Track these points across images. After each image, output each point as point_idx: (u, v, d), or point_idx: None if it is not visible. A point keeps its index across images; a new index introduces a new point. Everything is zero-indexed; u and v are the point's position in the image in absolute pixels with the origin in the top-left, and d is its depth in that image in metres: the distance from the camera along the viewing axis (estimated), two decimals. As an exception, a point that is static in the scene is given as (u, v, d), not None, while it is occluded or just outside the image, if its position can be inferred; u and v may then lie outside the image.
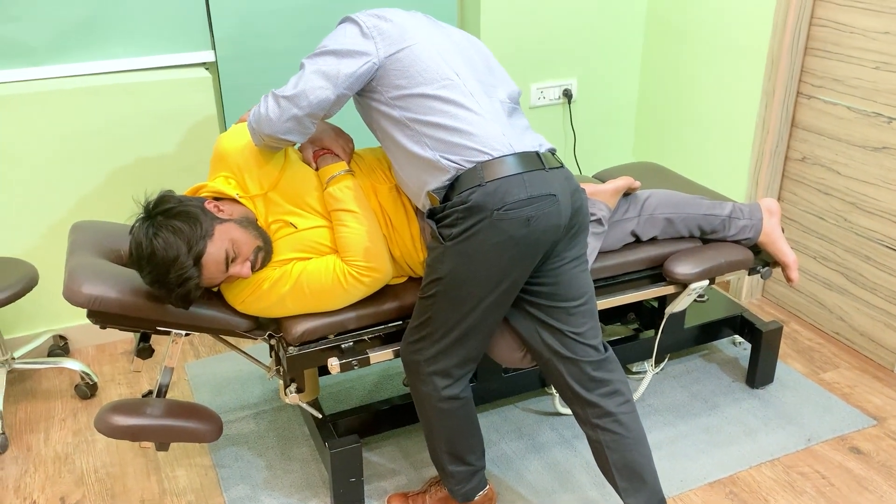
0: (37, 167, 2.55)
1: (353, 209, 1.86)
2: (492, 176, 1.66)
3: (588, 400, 1.83)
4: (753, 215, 2.27)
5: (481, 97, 1.75)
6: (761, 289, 3.08)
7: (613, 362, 1.86)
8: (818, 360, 2.70)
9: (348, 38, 1.75)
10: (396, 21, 1.79)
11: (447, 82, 1.73)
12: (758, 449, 2.28)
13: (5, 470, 2.24)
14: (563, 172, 1.75)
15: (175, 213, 1.75)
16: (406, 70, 1.74)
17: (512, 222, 1.65)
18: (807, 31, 2.66)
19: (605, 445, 1.83)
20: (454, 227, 1.68)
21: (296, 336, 1.88)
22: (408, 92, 1.74)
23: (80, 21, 2.50)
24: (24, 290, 2.31)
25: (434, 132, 1.71)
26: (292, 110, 1.75)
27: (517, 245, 1.67)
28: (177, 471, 2.24)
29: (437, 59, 1.75)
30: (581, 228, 1.79)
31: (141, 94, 2.58)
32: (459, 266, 1.70)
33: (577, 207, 1.76)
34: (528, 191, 1.66)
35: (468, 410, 1.90)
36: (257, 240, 1.82)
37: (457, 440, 1.90)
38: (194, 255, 1.72)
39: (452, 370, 1.83)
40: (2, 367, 2.46)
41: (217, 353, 2.79)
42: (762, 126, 2.81)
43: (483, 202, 1.65)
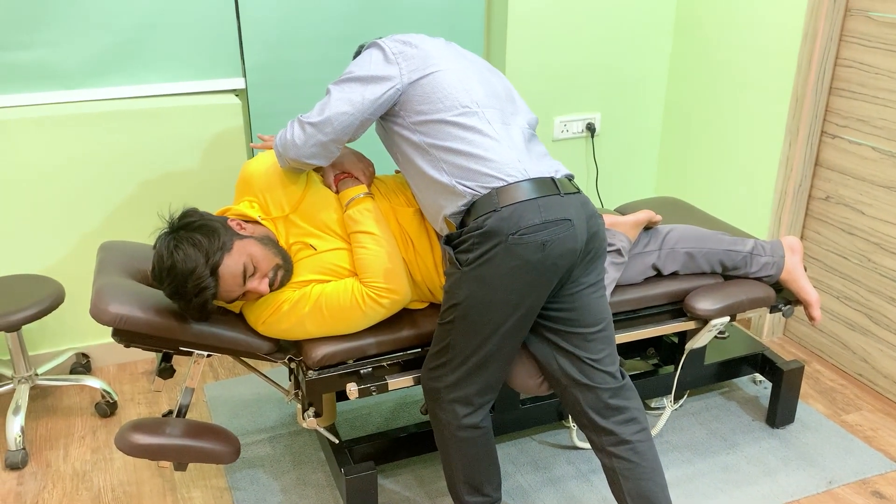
0: (67, 187, 2.61)
1: (371, 231, 1.89)
2: (507, 201, 1.68)
3: (604, 427, 1.83)
4: (775, 252, 2.27)
5: (499, 125, 1.79)
6: (783, 327, 3.06)
7: (630, 390, 1.86)
8: (840, 402, 2.67)
9: (373, 65, 1.80)
10: (421, 47, 1.83)
11: (466, 109, 1.77)
12: (777, 490, 2.25)
13: (24, 485, 2.26)
14: (580, 198, 1.76)
15: (196, 227, 1.80)
16: (428, 96, 1.78)
17: (527, 247, 1.66)
18: (832, 71, 2.67)
19: (619, 473, 1.83)
20: (470, 253, 1.70)
21: (315, 360, 1.89)
22: (428, 118, 1.77)
23: (114, 47, 2.57)
24: (50, 308, 2.34)
25: (451, 157, 1.75)
26: (317, 136, 1.80)
27: (533, 269, 1.68)
28: (192, 492, 2.24)
29: (458, 87, 1.79)
30: (598, 254, 1.80)
31: (172, 118, 2.64)
32: (476, 291, 1.71)
33: (594, 232, 1.76)
34: (543, 215, 1.67)
35: (487, 440, 1.89)
36: (276, 257, 1.85)
37: (474, 470, 1.90)
38: (212, 265, 1.76)
39: (473, 398, 1.83)
40: (25, 383, 2.49)
41: (236, 375, 2.81)
42: (786, 164, 2.81)
43: (498, 227, 1.67)
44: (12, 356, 2.46)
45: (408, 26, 2.87)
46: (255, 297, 1.86)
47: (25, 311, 2.29)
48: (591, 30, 3.10)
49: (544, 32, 3.03)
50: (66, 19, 2.48)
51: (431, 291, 2.00)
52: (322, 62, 2.82)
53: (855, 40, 2.58)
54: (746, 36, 2.90)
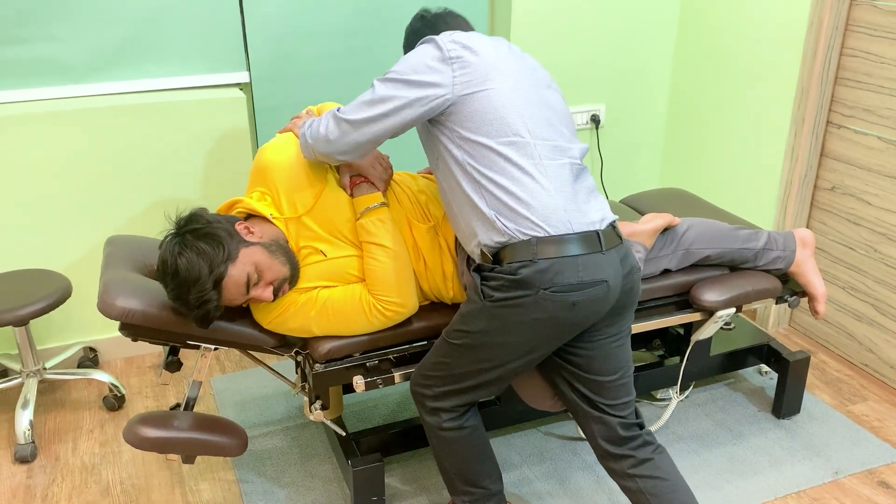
0: (73, 182, 2.61)
1: (384, 244, 1.86)
2: (545, 254, 1.60)
3: (619, 454, 1.80)
4: (787, 246, 2.24)
5: (549, 161, 1.66)
6: (788, 318, 3.06)
7: (640, 426, 1.82)
8: (846, 392, 2.67)
9: (426, 66, 1.67)
10: (482, 54, 1.69)
11: (516, 139, 1.65)
12: (783, 480, 2.25)
13: (33, 479, 2.28)
14: (620, 251, 1.69)
15: (202, 234, 1.75)
16: (478, 114, 1.65)
17: (557, 304, 1.61)
18: (837, 61, 2.66)
19: (646, 493, 1.77)
20: (497, 292, 1.65)
21: (322, 354, 1.90)
22: (473, 137, 1.66)
23: (118, 41, 2.57)
24: (57, 302, 2.36)
25: (494, 189, 1.64)
26: (352, 135, 1.71)
27: (557, 325, 1.64)
28: (200, 484, 2.26)
29: (512, 111, 1.66)
30: (626, 306, 1.74)
31: (176, 112, 2.64)
32: (493, 329, 1.68)
33: (628, 289, 1.71)
34: (581, 275, 1.61)
35: (475, 438, 1.88)
36: (284, 266, 1.81)
37: (467, 467, 1.90)
38: (214, 277, 1.72)
39: (457, 407, 1.84)
40: (34, 377, 2.50)
41: (243, 368, 2.82)
42: (791, 155, 2.80)
43: (532, 279, 1.60)
44: (20, 350, 2.47)
45: (412, 19, 2.87)
46: (258, 302, 1.86)
47: (33, 305, 2.30)
48: (595, 21, 3.09)
49: (548, 24, 3.02)
50: (72, 14, 2.49)
51: (437, 297, 2.00)
52: (326, 56, 2.81)
53: (860, 29, 2.57)
54: (751, 26, 2.89)
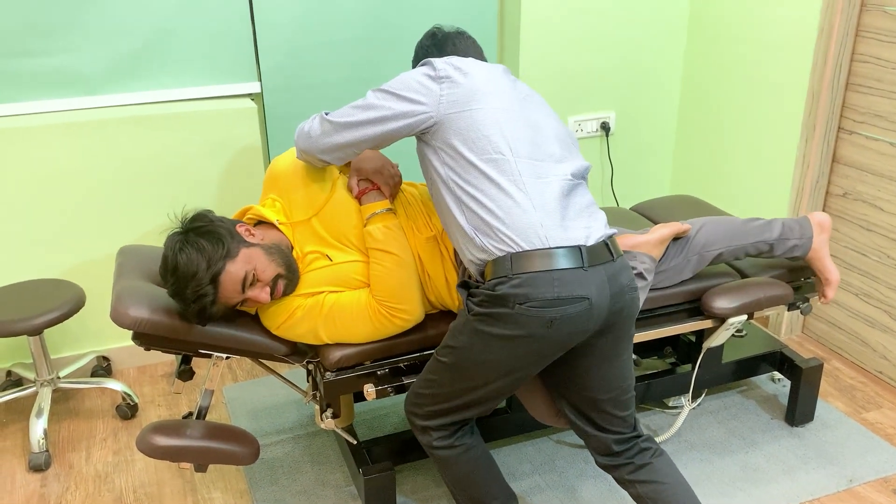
0: (86, 192, 2.64)
1: (391, 251, 1.87)
2: (519, 269, 1.59)
3: (616, 464, 1.82)
4: (804, 234, 2.19)
5: (529, 178, 1.66)
6: (801, 325, 3.04)
7: (636, 438, 1.82)
8: (860, 399, 2.65)
9: (415, 82, 1.72)
10: (472, 76, 1.73)
11: (498, 157, 1.66)
12: (797, 488, 2.24)
13: (48, 487, 2.29)
14: (610, 268, 1.64)
15: (203, 232, 1.80)
16: (462, 132, 1.68)
17: (533, 320, 1.58)
18: (848, 67, 2.65)
19: (646, 498, 1.79)
20: (479, 307, 1.65)
21: (333, 362, 1.91)
22: (457, 155, 1.68)
23: (132, 52, 2.60)
24: (71, 312, 2.38)
25: (473, 206, 1.66)
26: (333, 137, 1.77)
27: (535, 343, 1.62)
28: (213, 493, 2.26)
29: (495, 130, 1.68)
30: (619, 326, 1.70)
31: (189, 123, 2.66)
32: (475, 344, 1.67)
33: (618, 310, 1.66)
34: (557, 291, 1.57)
35: (471, 457, 1.86)
36: (280, 268, 1.84)
37: (469, 486, 1.88)
38: (212, 273, 1.76)
39: (445, 426, 1.84)
40: (48, 386, 2.52)
41: (254, 377, 2.83)
42: (802, 161, 2.79)
43: (507, 295, 1.59)
44: (35, 359, 2.49)
45: (421, 29, 2.88)
46: (255, 304, 1.87)
47: (47, 314, 2.32)
48: (604, 29, 3.10)
49: (558, 32, 3.03)
50: (87, 27, 2.52)
51: (444, 305, 2.00)
52: (337, 65, 2.83)
53: (871, 35, 2.56)
54: (761, 32, 2.89)
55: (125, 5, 2.53)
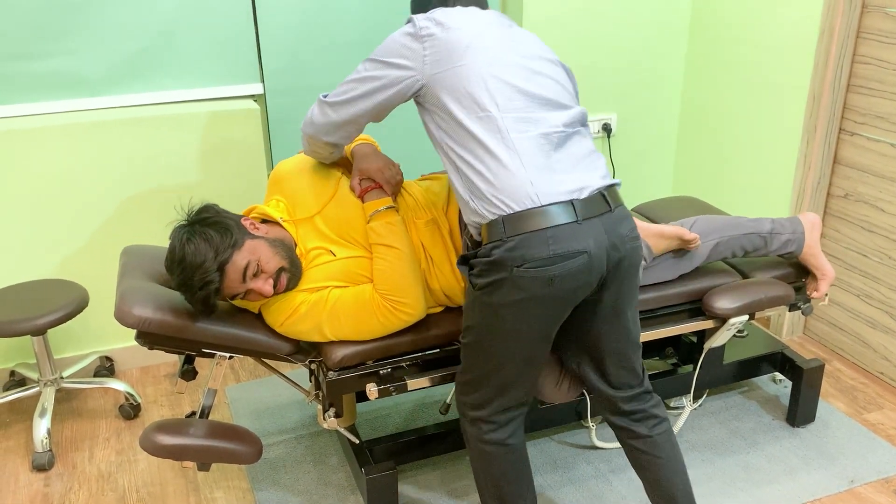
0: (89, 193, 2.65)
1: (394, 245, 1.89)
2: (513, 231, 1.58)
3: (618, 424, 1.86)
4: (795, 229, 2.23)
5: (517, 134, 1.63)
6: (802, 326, 3.04)
7: (647, 394, 1.85)
8: (861, 400, 2.65)
9: (397, 46, 1.70)
10: (456, 30, 1.68)
11: (483, 114, 1.63)
12: (798, 488, 2.24)
13: (51, 486, 2.30)
14: (606, 220, 1.62)
15: (210, 223, 1.83)
16: (449, 91, 1.66)
17: (533, 281, 1.58)
18: (849, 69, 2.66)
19: (638, 464, 1.87)
20: (480, 278, 1.65)
21: (335, 361, 1.91)
22: (447, 114, 1.67)
23: (134, 54, 2.61)
24: (74, 312, 2.38)
25: (466, 170, 1.65)
26: (332, 116, 1.80)
27: (541, 303, 1.61)
28: (215, 493, 2.27)
29: (480, 86, 1.64)
30: (622, 277, 1.69)
31: (191, 124, 2.67)
32: (486, 318, 1.67)
33: (618, 259, 1.65)
34: (552, 248, 1.57)
35: (515, 458, 1.85)
36: (283, 261, 1.86)
37: (502, 485, 1.87)
38: (219, 261, 1.78)
39: (495, 416, 1.81)
40: (51, 386, 2.53)
41: (257, 377, 2.83)
42: (804, 162, 2.80)
43: (503, 259, 1.59)
44: (38, 360, 2.50)
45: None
46: (257, 296, 1.88)
47: (51, 315, 2.33)
48: (605, 30, 3.10)
49: (559, 34, 3.04)
50: (88, 28, 2.53)
51: (449, 297, 2.01)
52: (340, 67, 2.84)
53: (872, 37, 2.57)
54: (762, 34, 2.89)
55: (128, 7, 2.54)
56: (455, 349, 2.02)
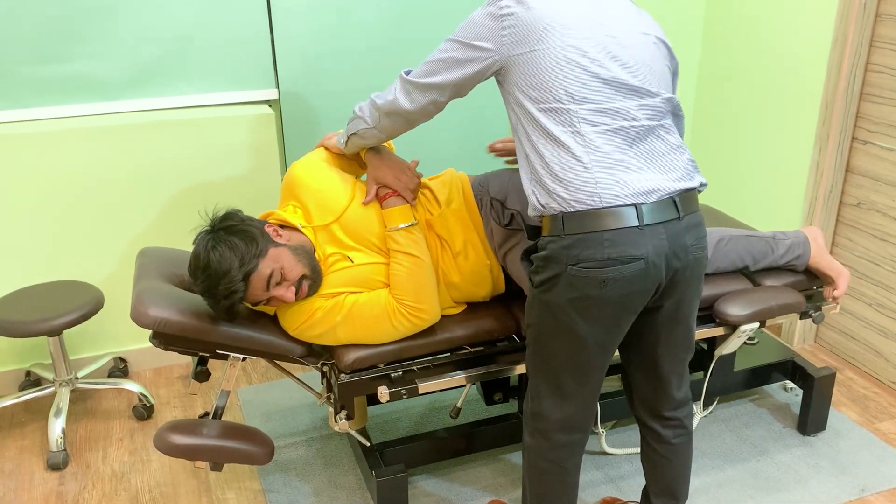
0: (106, 196, 2.68)
1: (412, 253, 1.91)
2: (571, 229, 1.55)
3: (651, 427, 1.89)
4: (798, 236, 2.26)
5: (589, 128, 1.55)
6: (814, 335, 3.04)
7: (687, 404, 1.86)
8: (873, 409, 2.64)
9: (477, 27, 1.63)
10: (537, 9, 1.59)
11: (556, 105, 1.56)
12: (809, 497, 2.24)
13: (65, 486, 2.33)
14: (672, 227, 1.57)
15: (235, 231, 1.84)
16: (524, 77, 1.60)
17: (586, 281, 1.56)
18: (862, 77, 2.66)
19: (652, 462, 1.92)
20: (537, 275, 1.63)
21: (347, 364, 1.93)
22: (521, 102, 1.61)
23: (152, 59, 2.64)
24: (90, 313, 2.41)
25: (533, 158, 1.60)
26: (413, 94, 1.73)
27: (595, 305, 1.58)
28: (227, 493, 2.29)
29: (555, 73, 1.56)
30: (684, 291, 1.65)
31: (207, 128, 2.70)
32: (543, 316, 1.65)
33: (678, 268, 1.60)
34: (608, 251, 1.53)
35: (568, 481, 1.82)
36: (305, 269, 1.88)
37: (548, 499, 1.85)
38: (245, 271, 1.80)
39: (551, 434, 1.76)
40: (66, 386, 2.56)
41: (269, 379, 2.86)
42: (816, 170, 2.80)
43: (558, 255, 1.57)
44: (54, 360, 2.53)
45: (440, 35, 2.91)
46: (279, 303, 1.90)
47: (66, 316, 2.36)
48: (618, 38, 3.11)
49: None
50: (106, 33, 2.56)
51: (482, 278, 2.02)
52: (355, 73, 2.87)
53: (886, 46, 2.57)
54: (775, 42, 2.90)
55: (146, 13, 2.57)
56: (465, 354, 2.03)
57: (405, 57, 2.90)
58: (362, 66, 2.87)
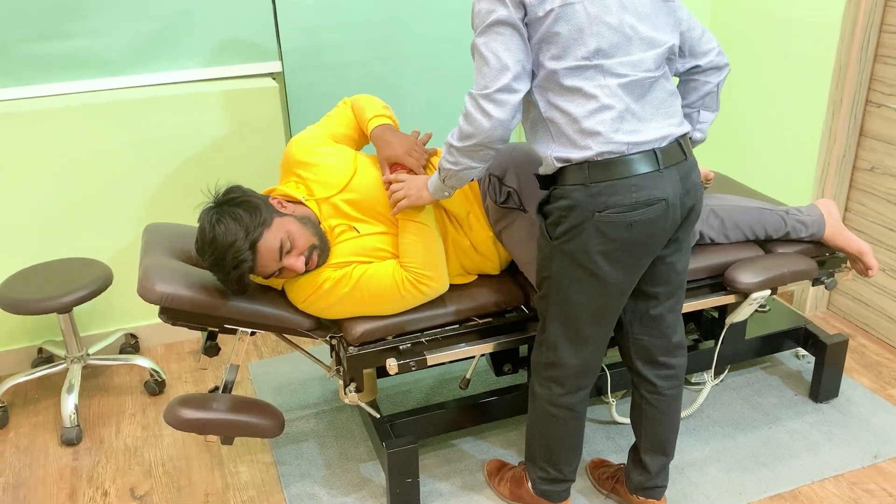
0: (112, 172, 2.67)
1: (420, 221, 1.91)
2: (598, 177, 1.60)
3: (646, 376, 1.92)
4: (812, 212, 2.24)
5: (613, 80, 1.58)
6: (826, 301, 3.01)
7: (681, 348, 1.90)
8: (886, 376, 2.62)
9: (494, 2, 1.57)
10: None
11: (583, 63, 1.57)
12: (821, 464, 2.23)
13: (79, 461, 2.35)
14: (682, 168, 1.66)
15: (238, 202, 1.84)
16: (546, 37, 1.57)
17: (614, 226, 1.61)
18: (877, 38, 2.60)
19: (644, 413, 1.96)
20: (559, 226, 1.66)
21: (355, 337, 1.93)
22: (545, 58, 1.59)
23: (153, 34, 2.62)
24: (99, 290, 2.42)
25: (552, 113, 1.61)
26: (512, 99, 1.60)
27: (621, 248, 1.64)
28: (239, 466, 2.30)
29: (582, 31, 1.56)
30: (687, 226, 1.75)
31: (210, 103, 2.68)
32: (566, 267, 1.69)
33: (690, 206, 1.71)
34: (635, 196, 1.60)
35: (576, 424, 1.91)
36: (313, 237, 1.88)
37: (556, 448, 1.93)
38: (251, 240, 1.80)
39: (567, 379, 1.84)
40: (78, 363, 2.58)
41: (279, 353, 2.86)
42: (829, 135, 2.75)
43: (585, 203, 1.61)
44: (65, 337, 2.54)
45: (441, 9, 2.87)
46: (290, 274, 1.89)
47: (76, 293, 2.37)
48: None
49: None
50: (106, 8, 2.54)
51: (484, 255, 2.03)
52: (358, 44, 2.83)
53: (900, 5, 2.51)
54: (787, 4, 2.84)
55: (147, -14, 2.55)
56: (473, 326, 2.02)
57: (411, 27, 2.86)
58: (367, 37, 2.83)
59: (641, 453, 1.99)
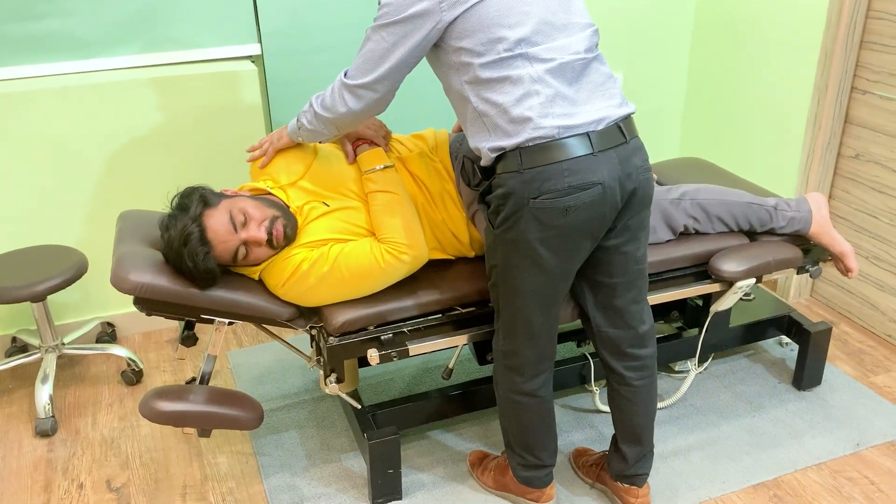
0: (86, 157, 2.61)
1: (391, 191, 1.90)
2: (530, 163, 1.60)
3: (614, 368, 1.91)
4: (801, 208, 2.23)
5: (540, 65, 1.59)
6: (810, 289, 3.01)
7: (649, 337, 1.89)
8: (869, 363, 2.63)
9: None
10: None
11: (507, 53, 1.59)
12: (804, 452, 2.23)
13: (54, 452, 2.31)
14: (622, 151, 1.64)
15: (177, 205, 1.86)
16: (468, 32, 1.60)
17: (549, 212, 1.62)
18: (863, 24, 2.58)
19: (616, 405, 1.95)
20: (498, 214, 1.68)
21: (336, 327, 1.89)
22: (465, 56, 1.61)
23: (129, 15, 2.55)
24: (74, 278, 2.37)
25: (480, 104, 1.63)
26: (371, 95, 1.72)
27: (559, 235, 1.64)
28: (218, 457, 2.27)
29: (502, 21, 1.58)
30: (636, 212, 1.72)
31: (188, 86, 2.62)
32: (508, 255, 1.70)
33: (632, 190, 1.67)
34: (568, 180, 1.60)
35: (542, 409, 1.91)
36: (271, 209, 1.87)
37: (528, 435, 1.93)
38: (193, 216, 1.80)
39: (525, 367, 1.85)
40: (52, 352, 2.52)
41: (259, 342, 2.82)
42: (814, 122, 2.74)
43: (519, 190, 1.62)
44: (39, 326, 2.49)
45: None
46: (257, 249, 1.85)
47: (50, 281, 2.31)
48: (612, -13, 3.02)
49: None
50: (80, -13, 2.47)
51: (455, 235, 2.02)
52: (339, 27, 2.78)
53: (887, -9, 2.49)
54: (774, -11, 2.81)
55: (121, -35, 2.48)
56: (456, 315, 1.99)
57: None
58: (348, 20, 2.78)
59: (619, 443, 1.99)
